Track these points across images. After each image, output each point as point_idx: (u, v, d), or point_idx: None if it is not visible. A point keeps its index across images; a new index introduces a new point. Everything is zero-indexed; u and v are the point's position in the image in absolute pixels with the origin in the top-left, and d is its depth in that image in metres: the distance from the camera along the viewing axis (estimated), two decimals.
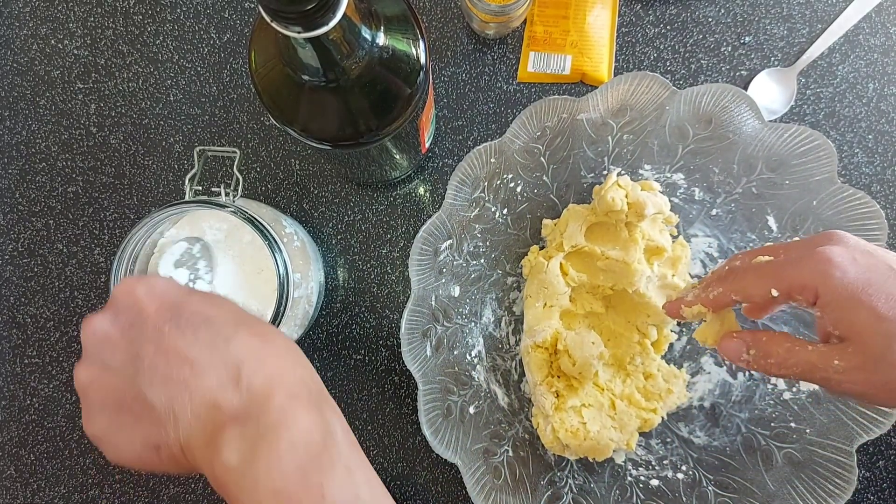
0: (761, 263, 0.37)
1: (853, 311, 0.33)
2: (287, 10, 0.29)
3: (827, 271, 0.33)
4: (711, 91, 0.48)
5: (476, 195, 0.51)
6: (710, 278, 0.40)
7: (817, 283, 0.34)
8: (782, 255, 0.37)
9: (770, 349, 0.36)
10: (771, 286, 0.36)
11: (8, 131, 0.60)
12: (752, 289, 0.37)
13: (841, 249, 0.34)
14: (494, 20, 0.53)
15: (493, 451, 0.51)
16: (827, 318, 0.34)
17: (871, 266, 0.33)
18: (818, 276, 0.34)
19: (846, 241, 0.35)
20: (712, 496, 0.49)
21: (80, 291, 0.59)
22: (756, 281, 0.37)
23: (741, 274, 0.38)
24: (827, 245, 0.34)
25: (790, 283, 0.35)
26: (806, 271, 0.34)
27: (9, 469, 0.59)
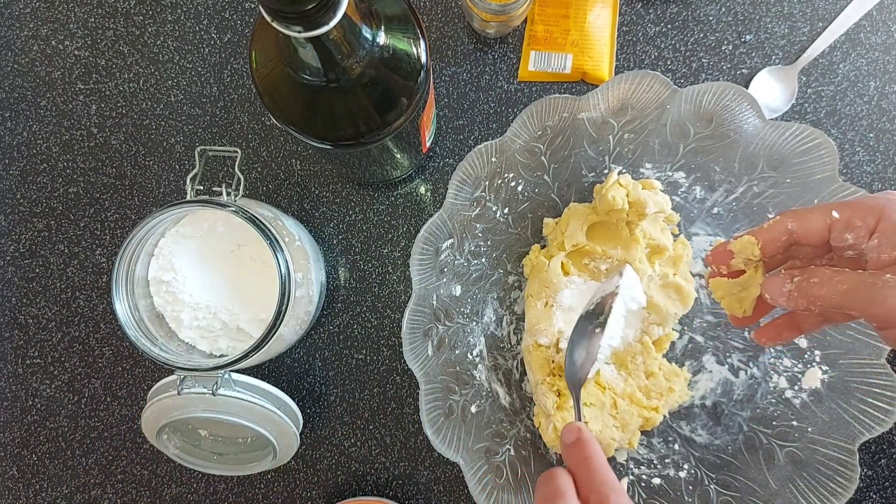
0: (815, 208, 0.35)
1: None
2: (288, 9, 0.29)
3: (890, 198, 0.33)
4: (712, 90, 0.48)
5: (477, 194, 0.51)
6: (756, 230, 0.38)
7: (881, 205, 0.33)
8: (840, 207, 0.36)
9: (814, 273, 0.34)
10: (831, 209, 0.34)
11: (9, 132, 0.60)
12: (811, 213, 0.35)
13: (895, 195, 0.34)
14: (495, 19, 0.53)
15: (494, 451, 0.51)
16: (887, 241, 0.33)
17: None
18: (881, 200, 0.33)
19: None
20: (714, 495, 0.49)
21: (81, 292, 0.59)
22: (815, 208, 0.35)
23: (792, 216, 0.36)
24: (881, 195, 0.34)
25: (853, 207, 0.34)
26: (868, 199, 0.34)
27: (11, 470, 0.59)
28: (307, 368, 0.58)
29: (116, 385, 0.59)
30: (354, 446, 0.58)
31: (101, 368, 0.59)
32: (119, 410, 0.59)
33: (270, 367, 0.59)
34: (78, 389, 0.59)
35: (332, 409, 0.58)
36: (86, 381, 0.59)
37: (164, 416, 0.48)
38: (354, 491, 0.57)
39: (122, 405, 0.59)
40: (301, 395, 0.58)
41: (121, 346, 0.59)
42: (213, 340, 0.52)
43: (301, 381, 0.58)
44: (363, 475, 0.57)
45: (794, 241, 0.37)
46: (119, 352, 0.59)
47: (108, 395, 0.59)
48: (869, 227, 0.34)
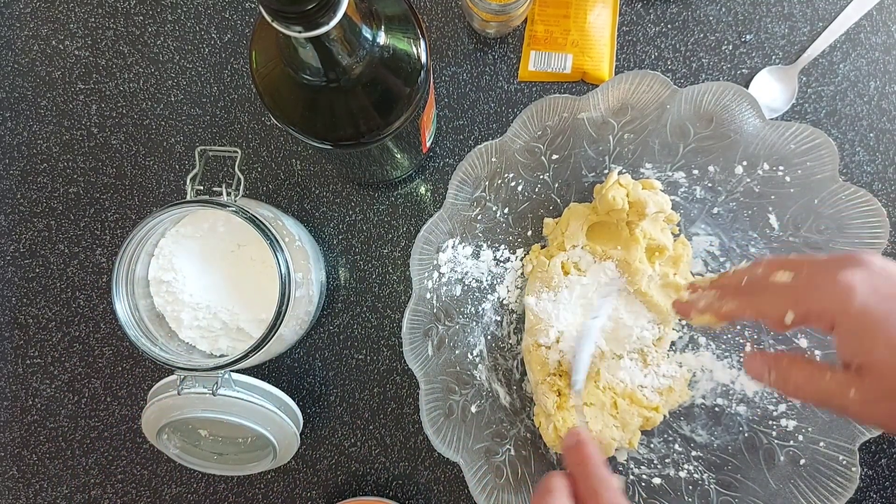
0: (780, 284, 0.36)
1: (871, 342, 0.32)
2: (288, 9, 0.29)
3: (846, 299, 0.32)
4: (712, 90, 0.48)
5: (477, 194, 0.51)
6: (727, 285, 0.39)
7: (835, 311, 0.33)
8: (805, 271, 0.35)
9: (789, 374, 0.35)
10: (788, 309, 0.35)
11: (9, 132, 0.60)
12: (768, 310, 0.36)
13: (863, 276, 0.33)
14: (495, 19, 0.53)
15: (494, 451, 0.51)
16: (844, 347, 0.33)
17: (893, 296, 0.32)
18: (837, 303, 0.33)
19: (870, 266, 0.33)
20: (714, 495, 0.49)
21: (81, 292, 0.59)
22: (773, 301, 0.36)
23: (759, 292, 0.37)
24: (849, 269, 0.33)
25: (808, 308, 0.34)
26: (825, 298, 0.33)
27: (11, 469, 0.59)
28: (307, 368, 0.58)
29: (116, 385, 0.59)
30: (354, 446, 0.58)
31: (101, 368, 0.59)
32: (119, 410, 0.59)
33: (270, 367, 0.59)
34: (78, 389, 0.59)
35: (332, 409, 0.58)
36: (86, 381, 0.59)
37: (164, 416, 0.48)
38: (354, 491, 0.57)
39: (123, 405, 0.59)
40: (301, 395, 0.58)
41: (121, 346, 0.59)
42: (214, 340, 0.52)
43: (301, 381, 0.58)
44: (363, 475, 0.57)
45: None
46: (119, 352, 0.59)
47: (108, 395, 0.59)
48: (826, 328, 0.34)
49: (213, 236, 0.52)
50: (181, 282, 0.50)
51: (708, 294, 0.41)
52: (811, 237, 0.50)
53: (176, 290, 0.50)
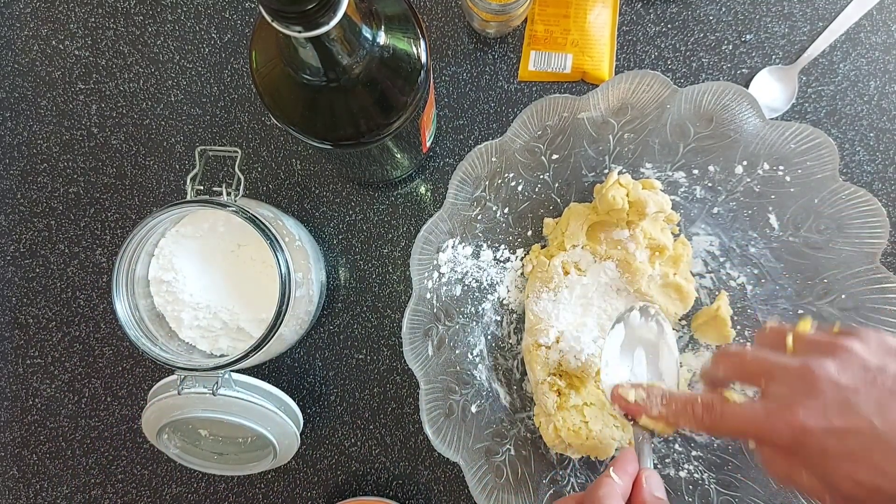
0: (737, 410, 0.36)
1: (833, 477, 0.33)
2: (288, 9, 0.29)
3: (802, 442, 0.33)
4: (712, 89, 0.48)
5: (477, 194, 0.51)
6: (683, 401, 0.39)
7: (793, 450, 0.34)
8: (759, 400, 0.36)
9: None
10: (748, 439, 0.36)
11: (9, 132, 0.60)
12: (724, 434, 0.37)
13: (815, 413, 0.33)
14: (495, 19, 0.53)
15: (494, 450, 0.51)
16: (812, 471, 0.34)
17: (850, 431, 0.32)
18: (792, 444, 0.34)
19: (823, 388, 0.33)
20: (714, 494, 0.49)
21: (81, 292, 0.59)
22: (729, 428, 0.36)
23: (718, 418, 0.37)
24: (803, 404, 0.33)
25: (765, 439, 0.35)
26: (781, 439, 0.34)
27: (11, 469, 0.59)
28: (307, 368, 0.58)
29: (117, 385, 0.59)
30: (354, 446, 0.58)
31: (101, 368, 0.59)
32: (119, 410, 0.59)
33: (270, 367, 0.59)
34: (78, 389, 0.59)
35: (332, 408, 0.58)
36: (86, 380, 0.59)
37: (164, 416, 0.48)
38: (354, 491, 0.57)
39: (123, 405, 0.59)
40: (301, 395, 0.58)
41: (121, 345, 0.59)
42: (214, 340, 0.52)
43: (301, 381, 0.58)
44: (363, 475, 0.57)
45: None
46: (119, 352, 0.59)
47: (108, 395, 0.59)
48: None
49: (213, 236, 0.52)
50: (181, 282, 0.50)
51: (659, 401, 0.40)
52: (811, 237, 0.50)
53: (176, 289, 0.50)
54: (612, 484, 0.37)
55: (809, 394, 0.34)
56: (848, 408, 0.33)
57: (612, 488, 0.36)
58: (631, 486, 0.38)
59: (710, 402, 0.37)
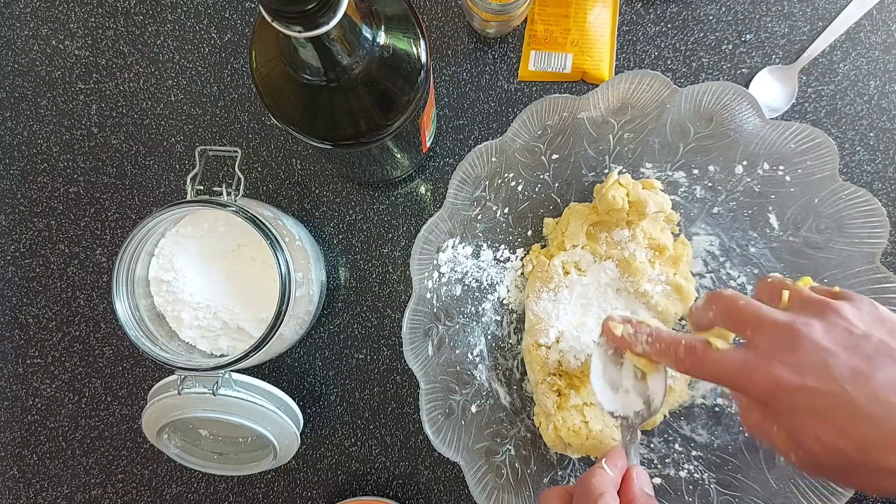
0: (717, 356, 0.37)
1: (800, 434, 0.34)
2: (288, 9, 0.29)
3: (773, 394, 0.34)
4: (712, 89, 0.48)
5: (477, 194, 0.51)
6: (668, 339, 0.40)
7: (764, 402, 0.35)
8: (749, 331, 0.36)
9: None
10: (722, 384, 0.37)
11: (9, 132, 0.60)
12: (702, 377, 0.38)
13: (792, 369, 0.34)
14: (495, 19, 0.53)
15: (494, 450, 0.51)
16: (781, 424, 0.35)
17: (820, 392, 0.33)
18: (764, 396, 0.35)
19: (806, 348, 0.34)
20: (714, 494, 0.49)
21: (81, 292, 0.59)
22: (708, 372, 0.37)
23: (699, 362, 0.37)
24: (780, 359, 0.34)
25: (740, 388, 0.36)
26: (754, 389, 0.35)
27: (11, 469, 0.59)
28: (307, 368, 0.58)
29: (117, 385, 0.59)
30: (355, 446, 0.58)
31: (101, 368, 0.59)
32: (119, 410, 0.59)
33: (271, 366, 0.59)
34: (78, 389, 0.59)
35: (332, 408, 0.58)
36: (86, 380, 0.59)
37: (164, 416, 0.48)
38: (355, 491, 0.57)
39: (123, 405, 0.59)
40: (301, 394, 0.58)
41: (121, 345, 0.59)
42: (214, 340, 0.52)
43: (301, 381, 0.58)
44: (363, 475, 0.57)
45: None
46: (119, 351, 0.59)
47: (108, 395, 0.59)
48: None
49: (213, 236, 0.52)
50: (181, 281, 0.50)
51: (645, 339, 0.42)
52: (811, 237, 0.50)
53: (176, 289, 0.50)
54: (604, 474, 0.37)
55: (789, 349, 0.34)
56: (824, 369, 0.33)
57: (605, 478, 0.37)
58: (621, 479, 0.39)
59: (693, 345, 0.38)
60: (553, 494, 0.39)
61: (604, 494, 0.35)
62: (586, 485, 0.37)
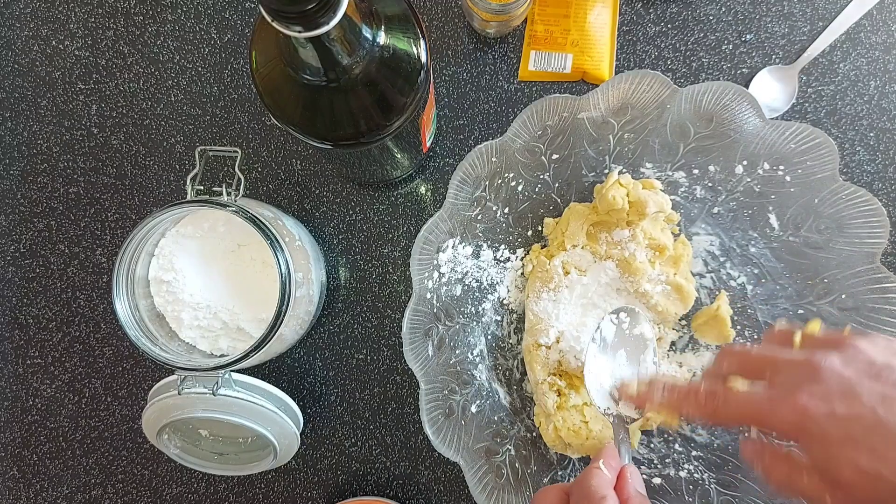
0: (740, 395, 0.36)
1: (836, 464, 0.33)
2: (288, 9, 0.29)
3: (803, 426, 0.33)
4: (712, 89, 0.48)
5: (477, 194, 0.51)
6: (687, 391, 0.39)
7: (795, 436, 0.34)
8: (764, 386, 0.36)
9: (772, 469, 0.37)
10: (750, 425, 0.37)
11: (9, 132, 0.60)
12: (727, 420, 0.37)
13: (818, 398, 0.33)
14: (495, 19, 0.53)
15: (495, 450, 0.51)
16: (813, 461, 0.34)
17: (852, 417, 0.32)
18: (794, 429, 0.34)
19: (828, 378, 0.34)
20: (714, 494, 0.49)
21: (81, 292, 0.59)
22: (734, 417, 0.37)
23: (721, 405, 0.37)
24: (806, 389, 0.34)
25: (770, 427, 0.35)
26: (784, 423, 0.34)
27: (11, 470, 0.59)
28: (307, 368, 0.58)
29: (117, 385, 0.59)
30: (355, 446, 0.58)
31: (101, 368, 0.59)
32: (119, 410, 0.59)
33: (271, 367, 0.59)
34: (78, 389, 0.59)
35: (332, 409, 0.58)
36: (86, 381, 0.59)
37: (164, 416, 0.48)
38: (355, 491, 0.57)
39: (123, 405, 0.59)
40: (301, 395, 0.58)
41: (121, 346, 0.59)
42: (214, 340, 0.52)
43: (301, 381, 0.58)
44: (363, 475, 0.57)
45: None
46: (119, 352, 0.59)
47: (108, 395, 0.59)
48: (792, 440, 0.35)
49: (213, 236, 0.52)
50: (181, 282, 0.50)
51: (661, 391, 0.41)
52: (811, 237, 0.50)
53: (176, 289, 0.50)
54: (602, 475, 0.37)
55: (812, 381, 0.34)
56: (851, 395, 0.33)
57: (604, 479, 0.37)
58: (616, 479, 0.38)
59: (712, 390, 0.37)
60: (550, 494, 0.38)
61: (606, 497, 0.35)
62: (585, 486, 0.36)
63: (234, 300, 0.51)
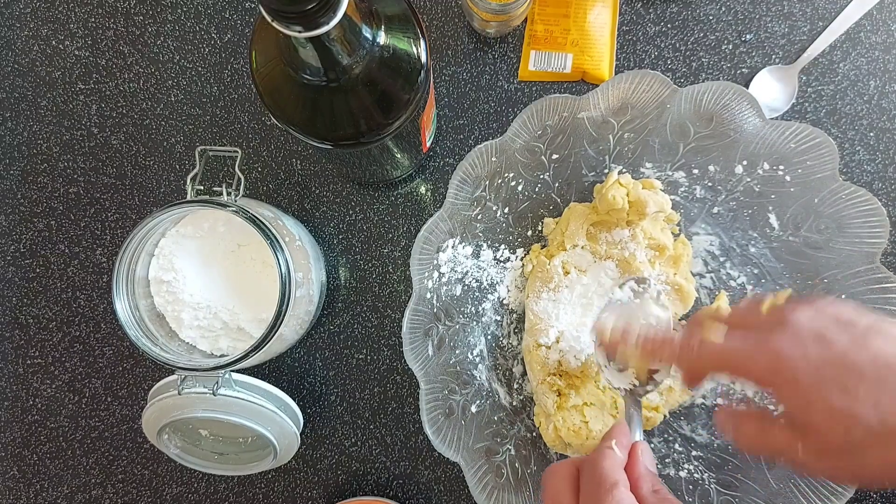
0: (714, 343, 0.36)
1: (807, 406, 0.33)
2: (288, 9, 0.29)
3: (776, 369, 0.34)
4: (712, 89, 0.48)
5: (477, 194, 0.51)
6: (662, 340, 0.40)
7: (767, 380, 0.34)
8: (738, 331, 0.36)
9: (742, 427, 0.37)
10: (723, 372, 0.37)
11: (9, 132, 0.60)
12: (701, 368, 0.38)
13: (791, 342, 0.34)
14: (495, 19, 0.53)
15: (495, 450, 0.51)
16: (785, 407, 0.35)
17: (825, 359, 0.33)
18: (767, 373, 0.34)
19: (799, 327, 0.34)
20: (714, 494, 0.49)
21: (82, 292, 0.59)
22: (706, 360, 0.37)
23: (696, 354, 0.37)
24: (778, 334, 0.34)
25: (743, 373, 0.35)
26: (756, 368, 0.35)
27: (12, 469, 0.59)
28: (307, 368, 0.58)
29: (117, 385, 0.59)
30: (355, 446, 0.58)
31: (101, 368, 0.59)
32: (119, 410, 0.59)
33: (271, 367, 0.59)
34: (78, 389, 0.59)
35: (332, 408, 0.58)
36: (86, 380, 0.59)
37: (164, 416, 0.48)
38: (355, 490, 0.57)
39: (123, 405, 0.59)
40: (301, 394, 0.58)
41: (121, 345, 0.59)
42: (214, 340, 0.52)
43: (301, 381, 0.58)
44: (363, 475, 0.57)
45: None
46: (119, 352, 0.59)
47: (108, 395, 0.59)
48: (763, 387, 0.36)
49: (213, 236, 0.52)
50: (181, 282, 0.50)
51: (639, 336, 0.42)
52: (811, 236, 0.50)
53: (176, 289, 0.50)
54: (614, 457, 0.37)
55: (784, 329, 0.34)
56: (823, 340, 0.33)
57: (616, 461, 0.36)
58: (627, 458, 0.38)
59: (687, 341, 0.38)
60: (560, 472, 0.37)
61: (617, 483, 0.34)
62: (597, 469, 0.36)
63: (234, 300, 0.51)
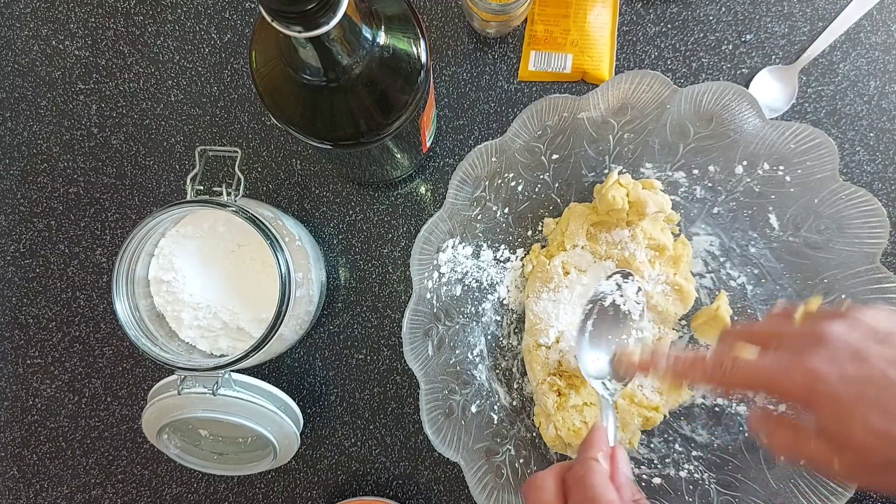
0: (747, 362, 0.36)
1: (847, 426, 0.33)
2: (288, 9, 0.29)
3: (815, 388, 0.33)
4: (712, 89, 0.48)
5: (477, 194, 0.51)
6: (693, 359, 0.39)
7: (805, 398, 0.34)
8: (772, 350, 0.36)
9: (777, 434, 0.36)
10: (760, 391, 0.36)
11: (9, 132, 0.60)
12: (735, 386, 0.37)
13: (829, 359, 0.33)
14: (495, 19, 0.53)
15: (494, 451, 0.51)
16: (823, 426, 0.34)
17: (863, 378, 0.32)
18: (804, 393, 0.34)
19: (836, 344, 0.34)
20: (714, 494, 0.49)
21: (81, 292, 0.59)
22: (740, 379, 0.36)
23: (729, 373, 0.37)
24: (815, 352, 0.34)
25: (780, 392, 0.35)
26: (795, 386, 0.34)
27: (11, 469, 0.59)
28: (307, 368, 0.58)
29: (117, 385, 0.59)
30: (355, 446, 0.58)
31: (101, 368, 0.59)
32: (119, 410, 0.59)
33: (271, 367, 0.59)
34: (78, 389, 0.59)
35: (332, 408, 0.58)
36: (86, 380, 0.59)
37: (164, 416, 0.48)
38: (354, 491, 0.57)
39: (123, 405, 0.59)
40: (301, 395, 0.58)
41: (121, 345, 0.59)
42: (214, 340, 0.52)
43: (301, 381, 0.58)
44: (363, 475, 0.57)
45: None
46: (119, 352, 0.59)
47: (108, 395, 0.59)
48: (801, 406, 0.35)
49: (213, 236, 0.52)
50: (181, 282, 0.50)
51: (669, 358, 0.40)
52: (811, 237, 0.50)
53: (176, 289, 0.50)
54: (601, 472, 0.36)
55: (819, 346, 0.34)
56: (860, 358, 0.33)
57: (604, 476, 0.36)
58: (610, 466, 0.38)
59: (718, 359, 0.37)
60: (546, 487, 0.36)
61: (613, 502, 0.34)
62: (588, 487, 0.35)
63: (234, 300, 0.51)
